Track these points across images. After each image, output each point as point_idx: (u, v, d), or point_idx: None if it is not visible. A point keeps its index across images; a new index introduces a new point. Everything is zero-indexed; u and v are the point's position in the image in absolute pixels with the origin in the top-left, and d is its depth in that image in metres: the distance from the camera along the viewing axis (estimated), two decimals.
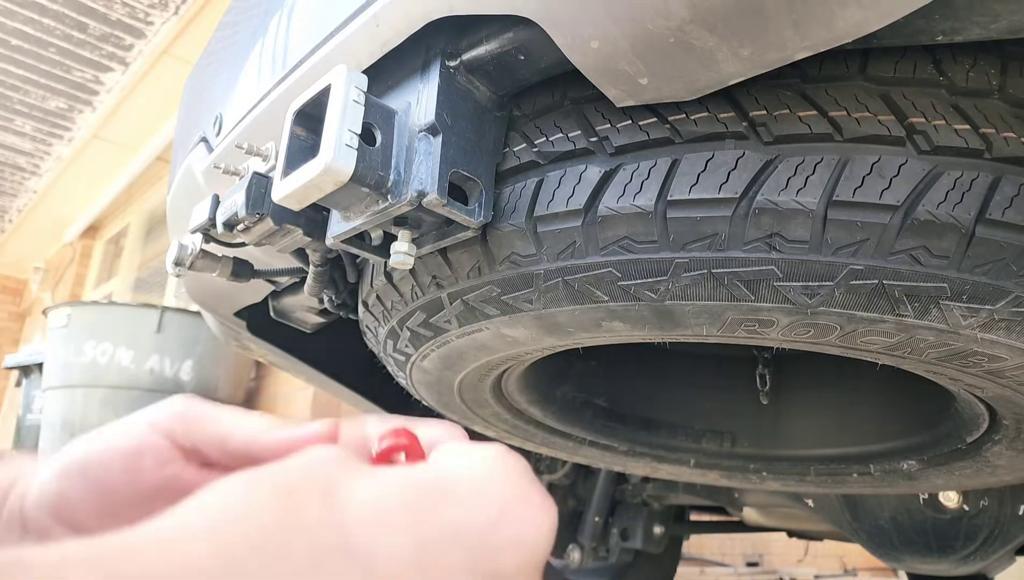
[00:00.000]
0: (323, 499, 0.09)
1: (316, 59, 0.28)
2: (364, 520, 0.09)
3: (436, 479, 0.10)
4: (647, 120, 0.23)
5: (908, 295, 0.22)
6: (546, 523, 0.11)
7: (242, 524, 0.09)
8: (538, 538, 0.11)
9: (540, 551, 0.11)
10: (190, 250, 0.34)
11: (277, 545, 0.08)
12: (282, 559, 0.08)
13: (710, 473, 0.48)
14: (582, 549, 0.76)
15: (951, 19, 0.19)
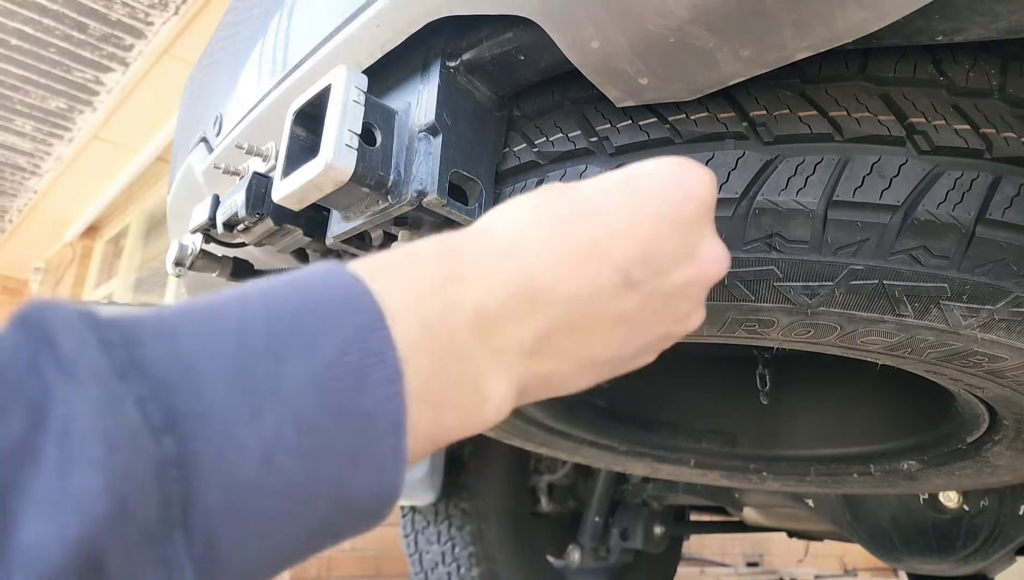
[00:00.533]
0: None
1: (316, 59, 0.28)
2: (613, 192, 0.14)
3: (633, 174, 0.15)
4: (647, 120, 0.23)
5: (908, 295, 0.22)
6: (710, 179, 0.16)
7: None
8: (708, 188, 0.15)
9: (710, 198, 0.15)
10: (190, 250, 0.34)
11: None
12: None
13: (710, 473, 0.48)
14: (582, 549, 0.76)
15: (951, 19, 0.19)
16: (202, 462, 0.08)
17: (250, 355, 0.09)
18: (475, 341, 0.11)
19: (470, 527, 0.68)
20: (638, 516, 0.76)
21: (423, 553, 0.72)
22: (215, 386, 0.08)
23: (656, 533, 0.76)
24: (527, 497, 0.75)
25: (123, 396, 0.08)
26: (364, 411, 0.10)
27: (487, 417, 0.12)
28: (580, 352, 0.13)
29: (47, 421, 0.07)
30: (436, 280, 0.11)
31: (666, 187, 0.14)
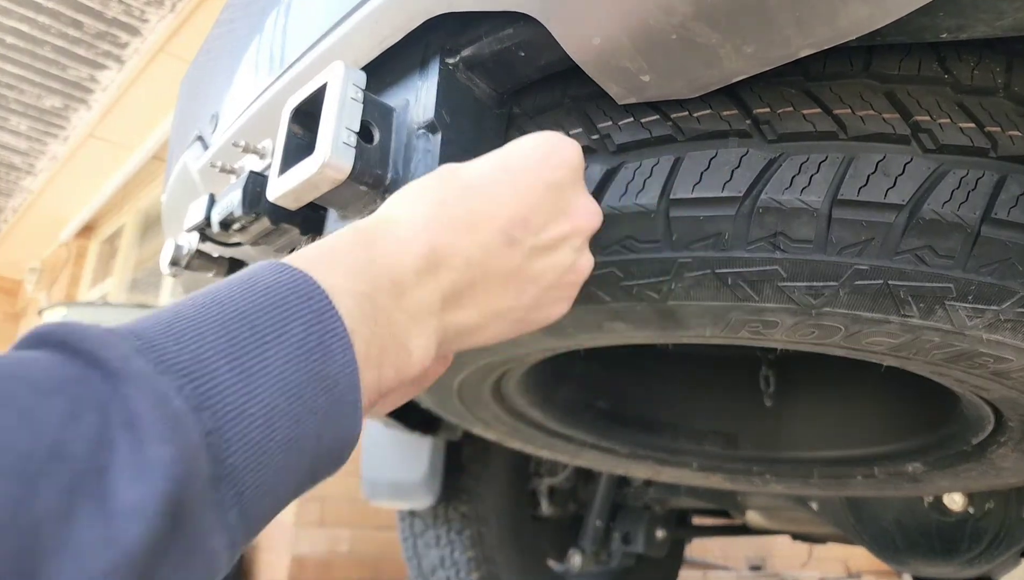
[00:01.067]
0: None
1: (313, 56, 0.27)
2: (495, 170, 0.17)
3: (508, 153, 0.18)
4: (649, 118, 0.23)
5: (913, 295, 0.22)
6: (576, 148, 0.19)
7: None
8: (574, 156, 0.18)
9: (577, 164, 0.18)
10: (186, 250, 0.33)
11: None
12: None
13: (713, 476, 0.48)
14: (583, 553, 0.75)
15: (956, 16, 0.19)
16: (226, 430, 0.11)
17: (240, 346, 0.12)
18: (396, 308, 0.14)
19: (470, 531, 0.67)
20: (640, 520, 0.75)
21: (422, 557, 0.71)
22: (221, 372, 0.11)
23: (658, 537, 0.76)
24: (527, 500, 0.74)
25: (167, 387, 0.10)
26: (330, 376, 0.13)
27: (414, 368, 0.15)
28: (483, 305, 0.17)
29: (113, 417, 0.10)
30: (359, 264, 0.14)
31: (538, 159, 0.18)
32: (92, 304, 1.47)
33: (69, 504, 0.09)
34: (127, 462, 0.09)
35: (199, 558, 0.10)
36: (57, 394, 0.09)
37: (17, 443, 0.08)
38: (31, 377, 0.09)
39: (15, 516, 0.08)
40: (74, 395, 0.09)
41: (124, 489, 0.09)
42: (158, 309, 0.12)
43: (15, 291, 3.46)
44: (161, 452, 0.10)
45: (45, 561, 0.08)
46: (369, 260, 0.14)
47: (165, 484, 0.09)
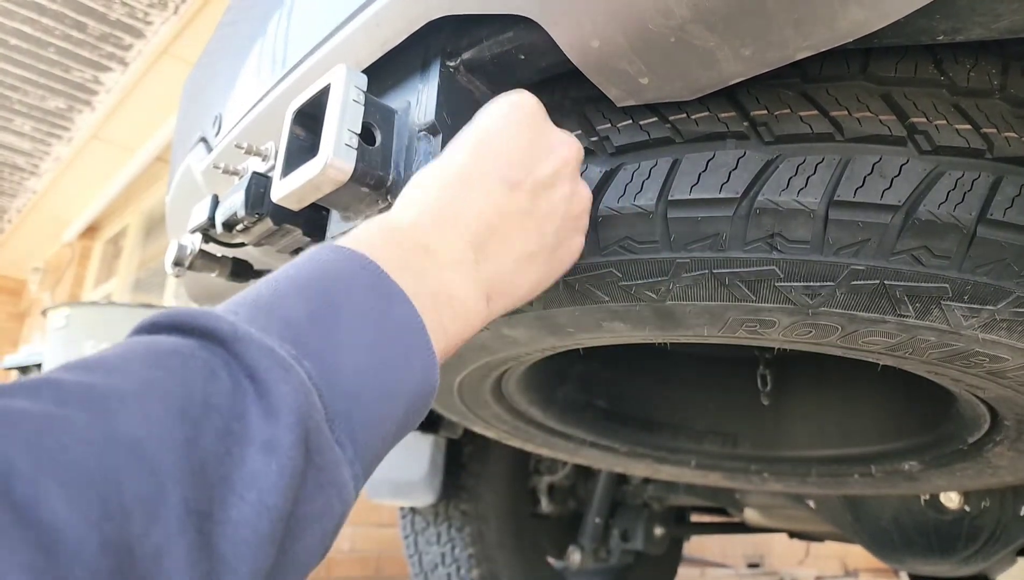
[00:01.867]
0: None
1: (316, 59, 0.27)
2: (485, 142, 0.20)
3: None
4: (648, 120, 0.23)
5: (909, 295, 0.22)
6: (531, 96, 0.21)
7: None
8: (533, 103, 0.20)
9: (536, 106, 0.20)
10: (189, 250, 0.34)
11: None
12: None
13: (711, 474, 0.48)
14: (582, 550, 0.76)
15: (952, 19, 0.19)
16: (325, 378, 0.13)
17: (317, 311, 0.14)
18: (431, 264, 0.17)
19: (470, 528, 0.68)
20: (639, 517, 0.76)
21: (423, 554, 0.72)
22: (306, 332, 0.13)
23: (657, 534, 0.76)
24: (527, 498, 0.75)
25: (272, 343, 0.12)
26: (397, 326, 0.15)
27: (473, 317, 0.17)
28: (511, 250, 0.19)
29: (237, 371, 0.12)
30: (389, 236, 0.17)
31: (506, 114, 0.20)
32: (96, 304, 1.48)
33: (225, 445, 0.11)
34: (257, 404, 0.11)
35: (332, 489, 0.12)
36: (193, 359, 0.11)
37: (180, 397, 0.10)
38: (169, 349, 0.11)
39: (189, 454, 0.10)
40: (204, 359, 0.11)
41: (260, 427, 0.11)
42: (239, 293, 0.14)
43: (19, 291, 3.48)
44: (283, 390, 0.11)
45: (214, 493, 0.10)
46: (398, 238, 0.17)
47: (290, 417, 0.11)
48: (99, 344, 1.35)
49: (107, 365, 0.10)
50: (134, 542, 0.09)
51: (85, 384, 0.10)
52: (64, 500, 0.08)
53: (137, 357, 0.11)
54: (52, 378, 0.10)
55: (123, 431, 0.09)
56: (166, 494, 0.09)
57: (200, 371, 0.11)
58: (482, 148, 0.19)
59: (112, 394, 0.10)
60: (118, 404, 0.10)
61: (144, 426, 0.10)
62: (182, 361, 0.11)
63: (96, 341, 1.35)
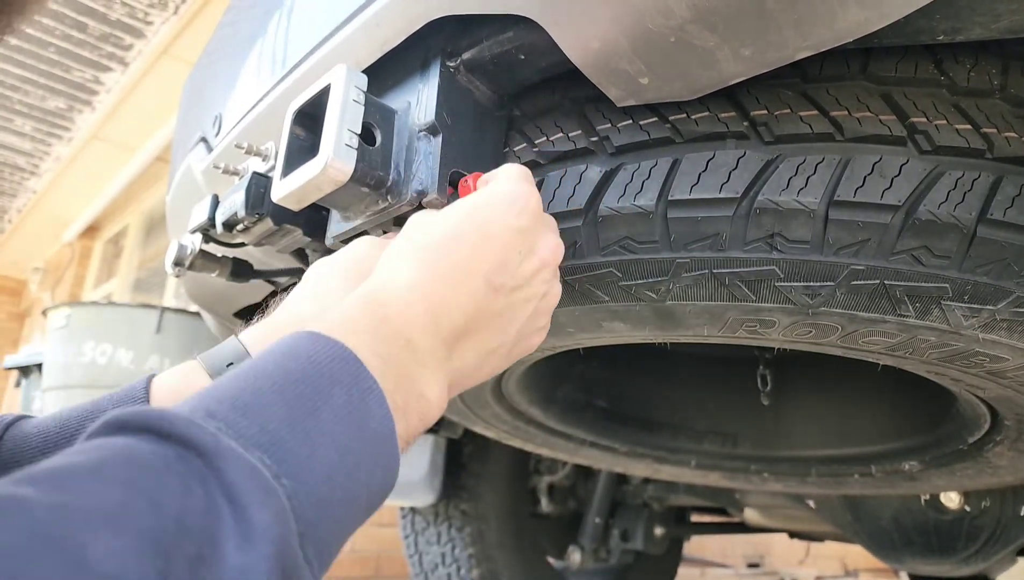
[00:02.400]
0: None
1: (316, 59, 0.27)
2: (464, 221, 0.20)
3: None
4: (648, 120, 0.23)
5: (909, 295, 0.22)
6: (532, 191, 0.21)
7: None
8: (532, 199, 0.20)
9: (537, 208, 0.21)
10: (189, 250, 0.34)
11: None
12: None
13: (711, 474, 0.48)
14: (582, 550, 0.76)
15: (952, 19, 0.19)
16: (300, 492, 0.12)
17: (296, 414, 0.13)
18: (411, 362, 0.17)
19: (470, 528, 0.68)
20: (638, 517, 0.76)
21: (423, 554, 0.72)
22: (286, 440, 0.13)
23: (657, 534, 0.76)
24: (527, 498, 0.75)
25: (254, 461, 0.12)
26: (372, 430, 0.14)
27: (433, 414, 0.17)
28: (479, 347, 0.19)
29: (214, 491, 0.11)
30: (375, 327, 0.16)
31: (502, 209, 0.20)
32: (96, 304, 1.47)
33: (195, 573, 0.10)
34: (233, 529, 0.11)
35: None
36: (168, 474, 0.11)
37: (153, 523, 0.10)
38: (145, 462, 0.11)
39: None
40: (181, 473, 0.11)
41: (233, 554, 0.10)
42: (213, 385, 0.13)
43: (19, 291, 3.48)
44: (262, 517, 0.11)
45: None
46: (382, 322, 0.16)
47: (268, 547, 0.11)
48: (99, 344, 1.35)
49: (78, 480, 0.10)
50: None
51: (56, 507, 0.09)
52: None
53: (110, 471, 0.10)
54: (19, 498, 0.09)
55: (96, 569, 0.09)
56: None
57: (176, 489, 0.10)
58: (481, 242, 0.19)
59: (84, 525, 0.09)
60: (90, 537, 0.09)
61: (117, 562, 0.09)
62: (157, 479, 0.10)
63: (96, 341, 1.35)
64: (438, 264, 0.18)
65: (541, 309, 0.21)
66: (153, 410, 0.12)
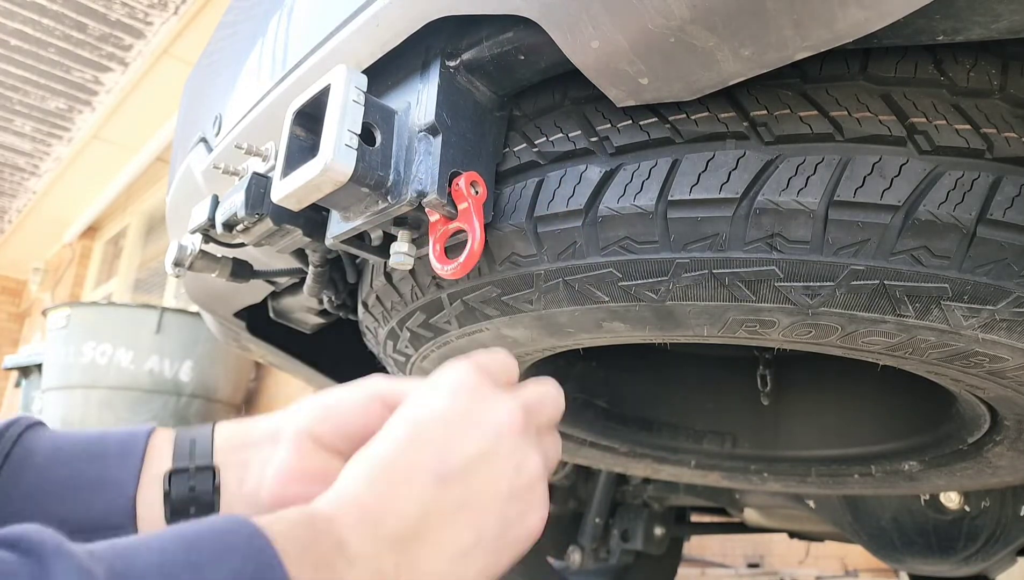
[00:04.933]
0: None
1: (316, 59, 0.27)
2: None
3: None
4: (648, 120, 0.23)
5: (909, 295, 0.22)
6: (469, 369, 0.19)
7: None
8: (471, 377, 0.19)
9: (477, 379, 0.19)
10: (189, 251, 0.34)
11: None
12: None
13: (711, 474, 0.48)
14: (582, 550, 0.76)
15: (952, 19, 0.19)
16: None
17: (172, 568, 0.12)
18: (341, 559, 0.14)
19: None
20: (639, 517, 0.76)
21: None
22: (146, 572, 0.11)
23: (657, 534, 0.76)
24: None
25: (96, 572, 0.11)
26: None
27: None
28: (442, 551, 0.16)
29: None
30: (306, 522, 0.15)
31: (444, 394, 0.18)
32: (96, 304, 1.47)
33: None
34: None
35: None
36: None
37: None
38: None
39: None
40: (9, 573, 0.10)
41: None
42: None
43: (19, 291, 3.48)
44: None
45: None
46: (313, 515, 0.15)
47: None
48: (99, 344, 1.35)
49: None
50: None
51: None
52: None
53: None
54: None
55: None
56: None
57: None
58: (414, 437, 0.17)
59: None
60: None
61: None
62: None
63: (96, 341, 1.35)
64: (372, 469, 0.16)
65: (521, 483, 0.17)
66: (34, 532, 0.11)
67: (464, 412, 0.17)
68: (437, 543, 0.16)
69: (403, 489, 0.16)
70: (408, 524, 0.15)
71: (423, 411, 0.18)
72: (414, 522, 0.16)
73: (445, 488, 0.16)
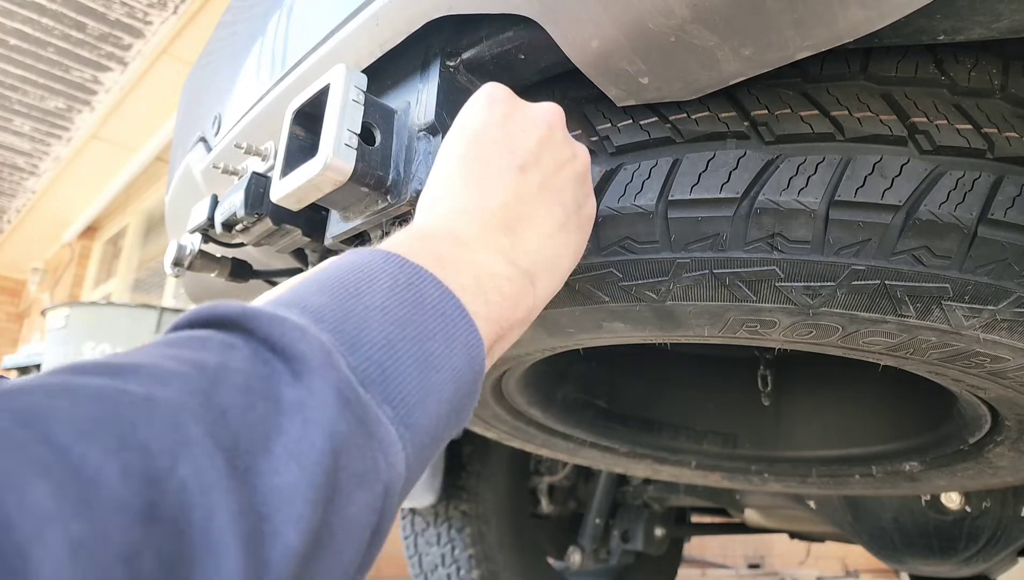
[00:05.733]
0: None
1: (315, 58, 0.27)
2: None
3: None
4: (648, 119, 0.23)
5: (910, 295, 0.22)
6: (498, 86, 0.21)
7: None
8: (502, 91, 0.21)
9: (507, 93, 0.21)
10: (189, 250, 0.34)
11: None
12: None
13: (711, 475, 0.48)
14: (583, 551, 0.76)
15: (953, 18, 0.19)
16: (351, 350, 0.13)
17: (337, 297, 0.14)
18: (466, 252, 0.17)
19: (470, 529, 0.68)
20: (639, 518, 0.75)
21: (423, 555, 0.72)
22: (327, 312, 0.13)
23: (657, 535, 0.76)
24: (527, 499, 0.75)
25: (287, 315, 0.12)
26: (430, 303, 0.15)
27: (520, 295, 0.17)
28: (540, 227, 0.19)
29: (259, 344, 0.12)
30: (414, 231, 0.17)
31: (486, 107, 0.20)
32: (96, 304, 1.47)
33: (248, 399, 0.10)
34: (283, 366, 0.11)
35: (375, 443, 0.12)
36: (209, 340, 0.12)
37: (196, 364, 0.11)
38: (184, 337, 0.12)
39: (209, 403, 0.10)
40: (221, 339, 0.12)
41: (287, 384, 0.11)
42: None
43: (19, 291, 3.47)
44: (303, 349, 0.12)
45: (244, 440, 0.10)
46: (423, 230, 0.17)
47: (318, 374, 0.11)
48: (98, 344, 1.35)
49: (120, 356, 0.11)
50: (161, 475, 0.08)
51: (101, 365, 0.10)
52: (76, 435, 0.08)
53: (151, 347, 0.11)
54: (74, 365, 0.10)
55: (133, 390, 0.09)
56: (188, 434, 0.09)
57: (217, 347, 0.11)
58: (480, 144, 0.19)
59: (125, 368, 0.10)
60: (131, 373, 0.10)
61: (157, 386, 0.09)
62: (199, 342, 0.11)
63: (95, 341, 1.35)
64: (454, 178, 0.19)
65: (579, 171, 0.21)
66: (190, 310, 0.13)
67: (508, 114, 0.20)
68: (534, 222, 0.19)
69: (493, 183, 0.18)
70: (508, 210, 0.18)
71: (473, 124, 0.19)
72: (513, 207, 0.18)
73: (525, 174, 0.19)
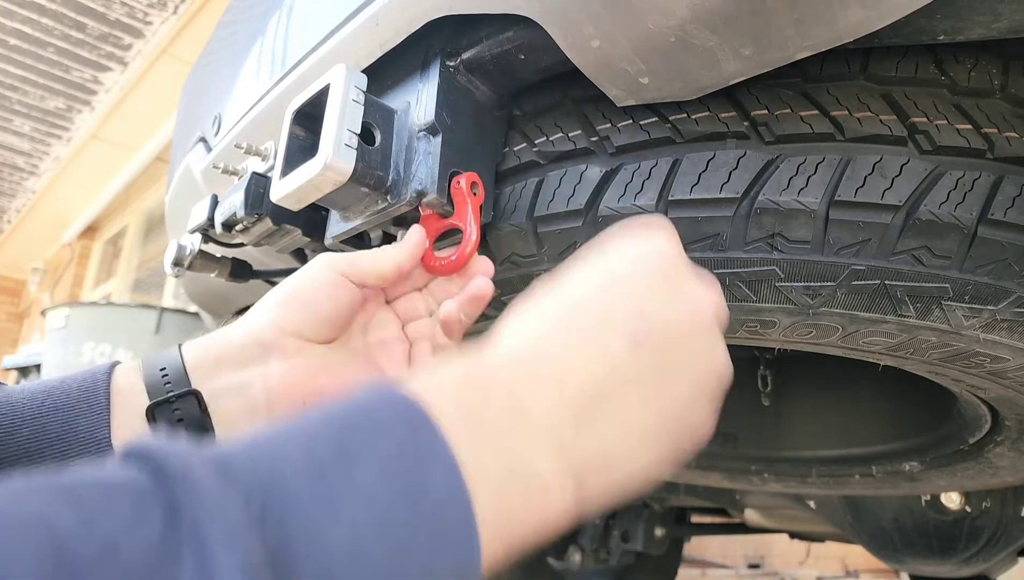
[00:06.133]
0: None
1: (315, 58, 0.27)
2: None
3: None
4: (648, 119, 0.23)
5: (910, 295, 0.22)
6: (670, 238, 0.17)
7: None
8: (671, 246, 0.17)
9: (676, 252, 0.16)
10: (189, 250, 0.34)
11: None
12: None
13: (712, 474, 0.48)
14: (583, 551, 0.76)
15: (953, 18, 0.19)
16: (298, 550, 0.09)
17: (321, 461, 0.10)
18: (516, 422, 0.12)
19: None
20: (639, 518, 0.76)
21: None
22: (293, 487, 0.10)
23: (657, 535, 0.76)
24: None
25: (231, 498, 0.09)
26: (430, 494, 0.11)
27: (549, 498, 0.12)
28: (620, 421, 0.13)
29: (181, 523, 0.09)
30: (473, 382, 0.12)
31: (641, 258, 0.16)
32: (96, 304, 1.47)
33: None
34: (194, 572, 0.09)
35: None
36: (122, 499, 0.09)
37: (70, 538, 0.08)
38: (111, 484, 0.09)
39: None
40: (143, 498, 0.09)
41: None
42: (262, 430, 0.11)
43: (18, 291, 3.47)
44: (225, 563, 0.09)
45: None
46: (480, 371, 0.13)
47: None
48: (98, 344, 1.35)
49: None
50: None
51: None
52: None
53: (47, 486, 0.08)
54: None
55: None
56: None
57: (125, 514, 0.08)
58: (608, 291, 0.14)
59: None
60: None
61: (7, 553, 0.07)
62: (107, 501, 0.08)
63: (95, 341, 1.35)
64: (554, 316, 0.14)
65: (703, 381, 0.15)
66: (160, 443, 0.10)
67: (665, 276, 0.15)
68: (618, 410, 0.13)
69: (592, 345, 0.13)
70: (593, 384, 0.13)
71: (623, 264, 0.15)
72: (599, 383, 0.13)
73: (637, 352, 0.14)
